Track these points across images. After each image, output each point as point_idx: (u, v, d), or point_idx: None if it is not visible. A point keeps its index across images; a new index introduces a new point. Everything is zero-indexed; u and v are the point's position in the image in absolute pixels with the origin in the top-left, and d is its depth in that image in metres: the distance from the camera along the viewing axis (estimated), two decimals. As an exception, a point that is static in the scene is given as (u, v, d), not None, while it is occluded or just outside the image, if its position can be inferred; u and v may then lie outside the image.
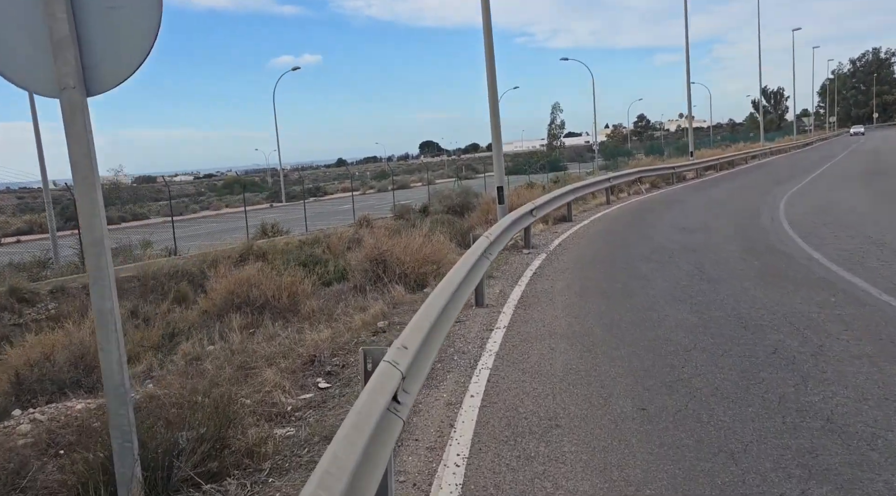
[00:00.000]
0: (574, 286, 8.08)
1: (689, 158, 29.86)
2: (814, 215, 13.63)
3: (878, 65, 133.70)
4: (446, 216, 34.78)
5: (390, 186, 67.33)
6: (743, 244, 10.55)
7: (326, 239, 27.74)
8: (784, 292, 7.15)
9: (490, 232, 7.77)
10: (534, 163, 62.85)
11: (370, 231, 29.73)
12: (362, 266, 8.84)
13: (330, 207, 46.34)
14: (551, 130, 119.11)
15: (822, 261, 8.77)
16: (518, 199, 17.29)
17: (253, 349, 6.16)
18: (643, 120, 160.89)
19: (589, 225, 14.25)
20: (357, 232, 29.95)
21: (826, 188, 20.05)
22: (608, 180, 18.58)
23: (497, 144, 11.97)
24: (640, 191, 22.13)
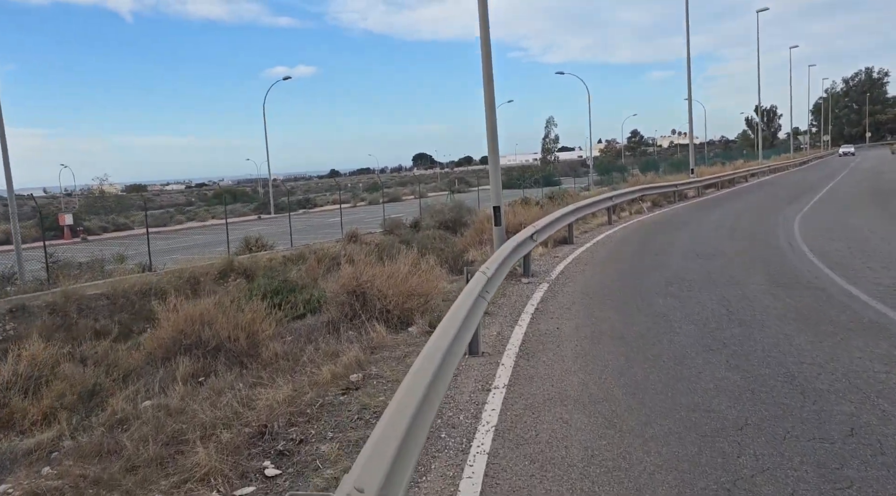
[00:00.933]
0: (584, 328, 6.92)
1: (690, 176, 28.89)
2: (835, 240, 12.57)
3: (870, 84, 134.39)
4: (438, 232, 33.70)
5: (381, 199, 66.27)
6: (767, 275, 9.45)
7: (312, 255, 26.55)
8: (834, 341, 6.02)
9: (487, 266, 6.61)
10: (528, 177, 61.94)
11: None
12: (338, 299, 7.65)
13: (319, 220, 45.10)
14: (545, 144, 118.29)
15: (864, 298, 7.67)
16: (514, 217, 16.17)
17: (193, 411, 4.95)
18: (636, 135, 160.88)
19: (592, 248, 13.12)
20: (344, 248, 28.80)
21: (837, 209, 19.04)
22: (610, 199, 17.51)
23: (494, 162, 10.86)
24: (642, 209, 21.07)
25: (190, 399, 5.32)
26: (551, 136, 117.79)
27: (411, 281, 7.60)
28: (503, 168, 67.03)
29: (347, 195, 74.54)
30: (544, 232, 11.05)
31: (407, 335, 6.96)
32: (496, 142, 10.87)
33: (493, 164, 10.89)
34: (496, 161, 10.90)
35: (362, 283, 7.49)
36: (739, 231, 15.01)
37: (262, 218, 54.10)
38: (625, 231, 16.11)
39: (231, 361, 6.41)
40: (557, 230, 12.77)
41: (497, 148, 10.89)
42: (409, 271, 7.88)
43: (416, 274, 8.00)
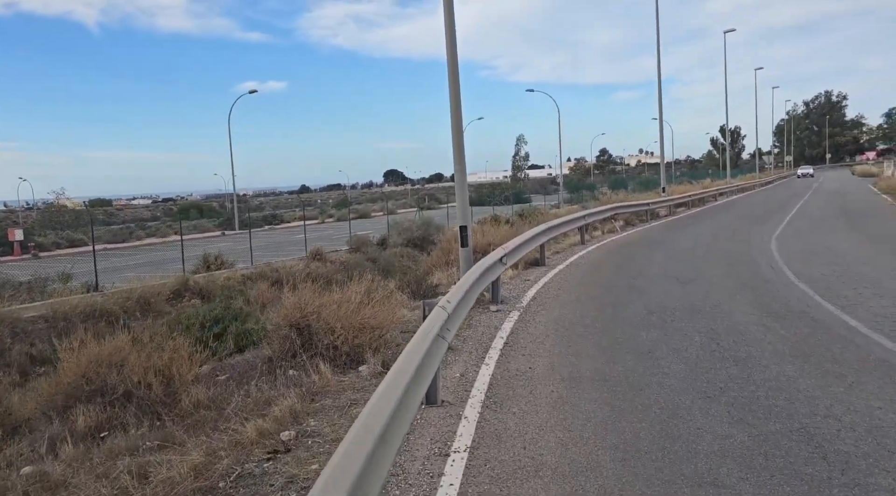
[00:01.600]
0: (560, 367, 6.04)
1: (661, 195, 28.55)
2: (817, 264, 11.99)
3: (829, 107, 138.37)
4: (406, 249, 32.76)
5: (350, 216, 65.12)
6: (754, 302, 8.73)
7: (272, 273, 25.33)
8: (845, 386, 5.25)
9: (449, 298, 5.69)
10: (498, 194, 61.51)
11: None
12: (280, 332, 6.66)
13: (285, 237, 43.75)
14: (515, 162, 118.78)
15: (864, 331, 6.96)
16: (483, 237, 15.34)
17: (76, 485, 3.92)
18: (605, 154, 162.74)
19: (566, 271, 12.32)
20: (308, 266, 27.65)
21: (811, 230, 18.67)
22: (583, 218, 16.81)
23: (461, 180, 10.02)
24: (615, 228, 20.46)
25: (79, 465, 4.28)
26: (521, 153, 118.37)
27: (364, 311, 6.65)
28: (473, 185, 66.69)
29: (315, 211, 73.24)
30: (515, 254, 10.22)
31: (356, 376, 6.00)
32: (463, 159, 10.04)
33: (459, 182, 10.05)
34: (463, 179, 10.06)
35: (307, 315, 6.52)
36: (717, 252, 14.40)
37: (227, 234, 52.50)
38: (599, 251, 15.39)
39: (144, 411, 5.38)
40: (529, 251, 11.95)
41: (464, 165, 10.06)
42: (361, 300, 6.92)
43: (371, 303, 7.05)
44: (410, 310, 9.17)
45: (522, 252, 10.85)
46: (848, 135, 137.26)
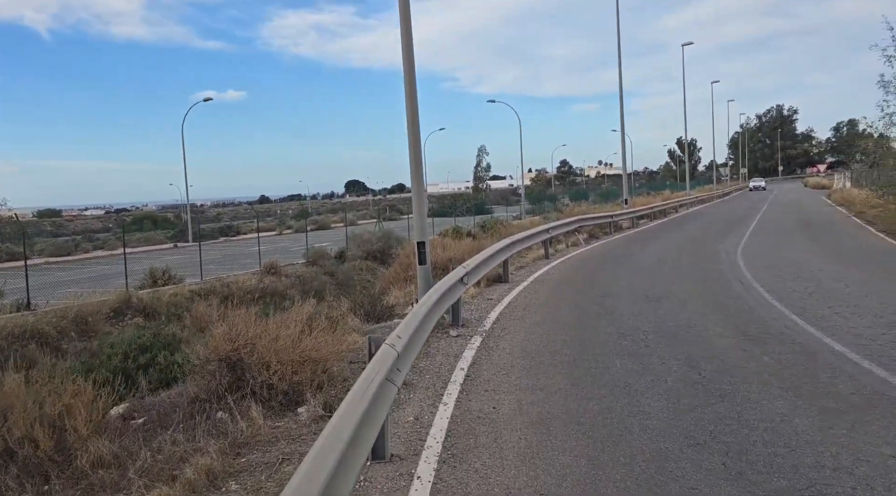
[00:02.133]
0: (528, 406, 5.32)
1: (624, 206, 28.35)
2: (787, 279, 11.62)
3: (781, 121, 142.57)
4: (365, 262, 31.80)
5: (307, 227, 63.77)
6: (730, 323, 8.20)
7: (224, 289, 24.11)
8: (846, 426, 4.66)
9: (401, 331, 4.90)
10: (460, 205, 61.00)
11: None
12: (208, 367, 5.78)
13: (240, 249, 42.28)
14: (477, 173, 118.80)
15: (852, 357, 6.45)
16: (443, 251, 14.62)
17: None
18: (566, 165, 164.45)
19: (530, 288, 11.67)
20: (261, 280, 26.49)
21: (774, 243, 18.51)
22: (547, 231, 16.24)
23: (418, 193, 9.28)
24: (579, 241, 19.99)
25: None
26: (483, 164, 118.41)
27: (305, 342, 5.82)
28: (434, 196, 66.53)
29: (274, 222, 71.54)
30: (477, 272, 9.51)
31: (293, 421, 5.16)
32: (421, 170, 9.31)
33: (416, 194, 9.31)
34: (421, 191, 9.32)
35: (238, 348, 5.66)
36: (684, 268, 13.97)
37: (179, 246, 50.61)
38: (564, 266, 14.82)
39: (29, 472, 4.46)
40: (492, 268, 11.27)
41: (422, 176, 9.33)
42: (303, 329, 6.08)
43: (314, 331, 6.22)
44: (363, 334, 8.36)
45: (485, 269, 10.15)
46: (799, 148, 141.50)
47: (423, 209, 9.21)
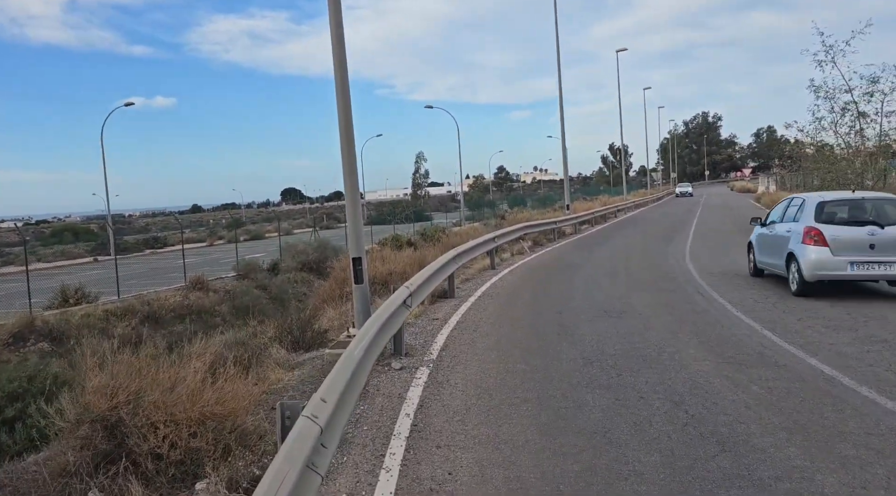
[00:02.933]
0: (492, 471, 4.25)
1: (566, 212, 27.91)
2: (745, 288, 11.07)
3: (706, 127, 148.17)
4: (301, 274, 30.11)
5: (237, 237, 61.17)
6: (703, 343, 7.41)
7: (144, 307, 22.18)
8: (882, 481, 3.83)
9: (326, 392, 3.65)
10: (399, 212, 59.82)
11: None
12: (79, 431, 4.46)
13: (168, 262, 39.58)
14: (416, 179, 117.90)
15: (847, 383, 5.72)
16: (383, 264, 13.47)
17: None
18: (503, 171, 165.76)
19: (479, 304, 10.66)
20: (186, 297, 24.55)
21: (719, 247, 18.25)
22: (493, 240, 15.33)
23: (353, 201, 8.11)
24: (524, 249, 19.20)
25: None
26: (421, 170, 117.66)
27: (208, 393, 4.58)
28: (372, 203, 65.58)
29: (205, 233, 68.25)
30: (421, 292, 8.40)
31: (188, 505, 3.94)
32: (356, 178, 8.15)
33: (351, 204, 8.14)
34: (356, 201, 8.15)
35: (119, 405, 4.38)
36: (637, 276, 13.30)
37: (100, 260, 47.16)
38: (512, 277, 13.90)
39: None
40: (438, 284, 10.20)
41: (356, 184, 8.17)
42: (205, 375, 4.83)
43: (224, 375, 4.97)
44: (289, 369, 7.12)
45: (430, 287, 9.06)
46: (723, 153, 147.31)
47: (358, 221, 8.06)
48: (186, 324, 24.05)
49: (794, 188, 48.89)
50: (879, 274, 9.57)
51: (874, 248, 9.45)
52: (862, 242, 9.53)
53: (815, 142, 25.25)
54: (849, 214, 10.12)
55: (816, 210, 10.09)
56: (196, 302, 23.94)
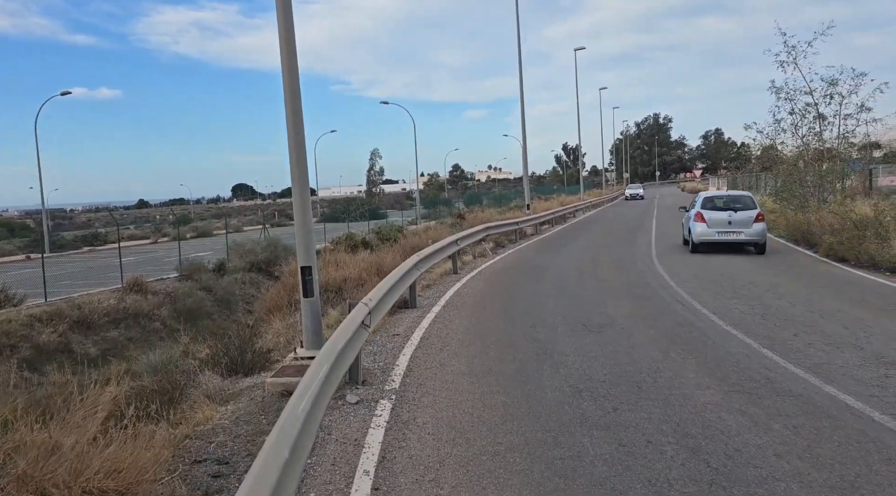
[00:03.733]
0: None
1: (526, 212, 27.16)
2: (728, 297, 10.38)
3: (657, 128, 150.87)
4: (249, 275, 28.47)
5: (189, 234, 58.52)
6: (701, 366, 6.57)
7: (74, 312, 20.41)
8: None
9: (256, 483, 2.61)
10: (353, 210, 58.25)
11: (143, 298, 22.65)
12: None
13: (108, 260, 37.02)
14: (370, 176, 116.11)
15: (882, 420, 4.93)
16: (337, 269, 12.31)
17: None
18: (458, 169, 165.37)
19: (444, 315, 9.62)
20: (122, 300, 22.75)
21: (685, 250, 17.72)
22: (456, 243, 14.31)
23: (302, 203, 6.95)
24: (486, 252, 18.27)
25: None
26: (376, 167, 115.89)
27: (95, 462, 3.42)
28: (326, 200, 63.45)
29: (148, 230, 65.15)
30: (382, 307, 7.30)
31: None
32: (305, 175, 7.01)
33: (300, 206, 6.99)
34: (305, 201, 7.00)
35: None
36: (609, 283, 12.50)
37: (33, 258, 44.05)
38: (477, 283, 12.92)
39: None
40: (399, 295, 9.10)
41: (306, 182, 7.02)
42: (98, 433, 3.64)
43: (120, 438, 3.80)
44: (222, 402, 5.93)
45: (392, 300, 7.95)
46: (674, 154, 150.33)
47: (307, 224, 6.91)
48: (122, 329, 22.29)
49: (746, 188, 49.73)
50: (732, 239, 16.15)
51: (731, 224, 16.10)
52: (724, 220, 16.18)
53: (775, 143, 25.13)
54: (719, 204, 16.71)
55: (703, 202, 17.12)
56: (133, 305, 22.18)
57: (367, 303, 6.26)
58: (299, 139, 6.87)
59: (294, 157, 6.87)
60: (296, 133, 6.81)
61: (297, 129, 6.82)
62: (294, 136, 6.80)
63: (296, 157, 6.86)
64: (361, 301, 6.17)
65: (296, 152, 6.88)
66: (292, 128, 6.79)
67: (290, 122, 6.83)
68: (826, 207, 19.72)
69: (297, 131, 6.81)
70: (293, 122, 6.79)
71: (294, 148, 6.84)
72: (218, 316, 23.80)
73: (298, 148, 6.84)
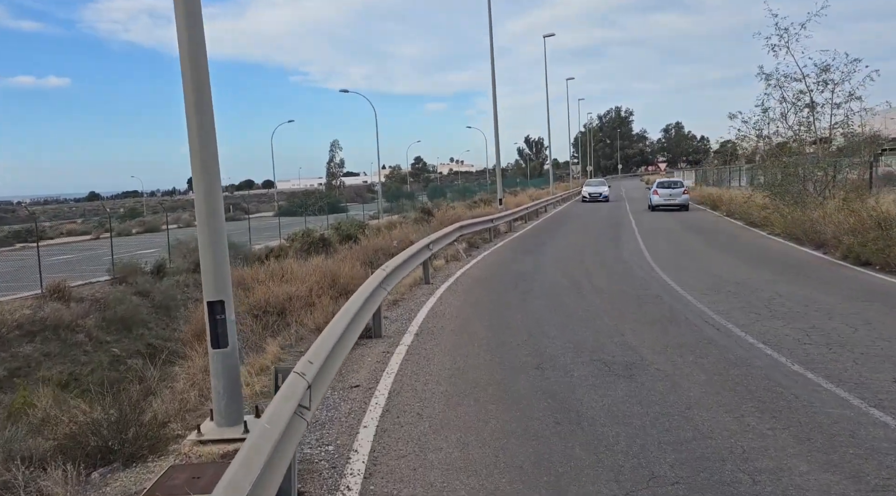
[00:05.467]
0: None
1: (499, 207, 25.07)
2: (766, 317, 8.41)
3: (620, 122, 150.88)
4: (194, 276, 25.66)
5: (136, 229, 54.77)
6: (806, 443, 4.51)
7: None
8: None
9: None
10: (312, 204, 55.25)
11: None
12: None
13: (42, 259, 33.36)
14: (330, 168, 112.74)
15: None
16: (280, 285, 9.93)
17: None
18: (420, 162, 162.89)
19: (418, 350, 7.37)
20: (41, 308, 19.79)
21: (683, 252, 15.88)
22: (429, 247, 12.03)
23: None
24: (459, 253, 16.08)
25: None
26: (336, 159, 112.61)
27: None
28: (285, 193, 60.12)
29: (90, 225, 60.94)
30: (329, 369, 4.85)
31: None
32: (214, 165, 4.68)
33: (205, 215, 4.66)
34: (215, 202, 4.67)
35: None
36: (611, 295, 10.42)
37: (-50, 257, 39.98)
38: (454, 298, 10.70)
39: None
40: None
41: (216, 177, 4.70)
42: None
43: None
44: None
45: (343, 354, 5.49)
46: (635, 147, 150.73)
47: (217, 241, 4.59)
48: (38, 343, 19.40)
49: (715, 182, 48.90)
50: (671, 202, 30.51)
51: (670, 196, 30.68)
52: (667, 193, 30.95)
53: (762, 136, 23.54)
54: (665, 185, 32.51)
55: (657, 184, 32.94)
56: (52, 314, 19.22)
57: (304, 373, 3.86)
58: (204, 121, 4.53)
59: (197, 144, 4.54)
60: (198, 112, 4.47)
61: (202, 108, 4.49)
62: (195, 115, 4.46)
63: (199, 144, 4.53)
64: (294, 370, 3.84)
65: (199, 139, 4.55)
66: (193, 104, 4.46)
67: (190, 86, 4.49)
68: (827, 204, 18.14)
69: (200, 110, 4.47)
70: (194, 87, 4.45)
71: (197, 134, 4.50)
72: (155, 324, 21.05)
73: (204, 135, 4.51)
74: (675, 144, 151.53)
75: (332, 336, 4.91)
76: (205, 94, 4.61)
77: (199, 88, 4.59)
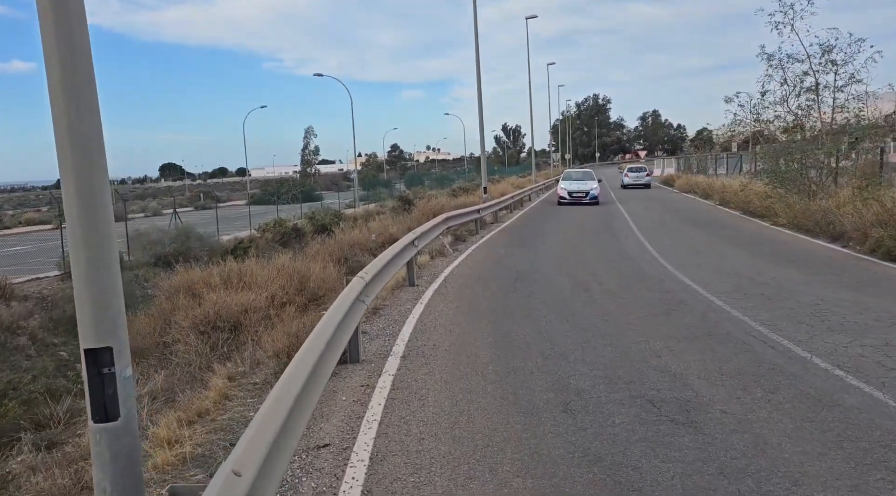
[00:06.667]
0: None
1: (483, 196, 23.51)
2: (821, 329, 6.99)
3: (597, 109, 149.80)
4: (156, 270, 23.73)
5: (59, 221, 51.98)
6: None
7: None
8: None
9: None
10: (285, 192, 53.09)
11: None
12: None
13: (-3, 250, 30.95)
14: (305, 156, 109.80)
15: None
16: (237, 292, 8.22)
17: None
18: (396, 149, 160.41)
19: (405, 382, 5.78)
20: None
21: (690, 246, 14.49)
22: (413, 244, 10.39)
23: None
24: (445, 248, 14.47)
25: None
26: (311, 147, 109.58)
27: None
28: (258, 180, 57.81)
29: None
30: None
31: None
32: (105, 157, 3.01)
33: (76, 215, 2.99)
34: (102, 202, 3.02)
35: None
36: (628, 301, 8.91)
37: None
38: (444, 306, 9.08)
39: None
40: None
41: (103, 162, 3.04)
42: None
43: None
44: None
45: (300, 429, 3.82)
46: (613, 135, 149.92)
47: (106, 252, 2.93)
48: (-28, 349, 17.43)
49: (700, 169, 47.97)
50: (637, 182, 42.57)
51: (637, 178, 42.99)
52: (635, 176, 43.44)
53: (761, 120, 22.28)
54: (634, 169, 45.56)
55: (627, 169, 45.98)
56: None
57: (237, 473, 2.25)
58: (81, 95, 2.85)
59: (63, 125, 2.86)
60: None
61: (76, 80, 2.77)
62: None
63: (66, 125, 2.85)
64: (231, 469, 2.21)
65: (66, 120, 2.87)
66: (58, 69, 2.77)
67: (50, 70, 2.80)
68: (840, 192, 16.90)
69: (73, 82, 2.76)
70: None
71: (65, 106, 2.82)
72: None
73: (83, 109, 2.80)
74: (652, 132, 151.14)
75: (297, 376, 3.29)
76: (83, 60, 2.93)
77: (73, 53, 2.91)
